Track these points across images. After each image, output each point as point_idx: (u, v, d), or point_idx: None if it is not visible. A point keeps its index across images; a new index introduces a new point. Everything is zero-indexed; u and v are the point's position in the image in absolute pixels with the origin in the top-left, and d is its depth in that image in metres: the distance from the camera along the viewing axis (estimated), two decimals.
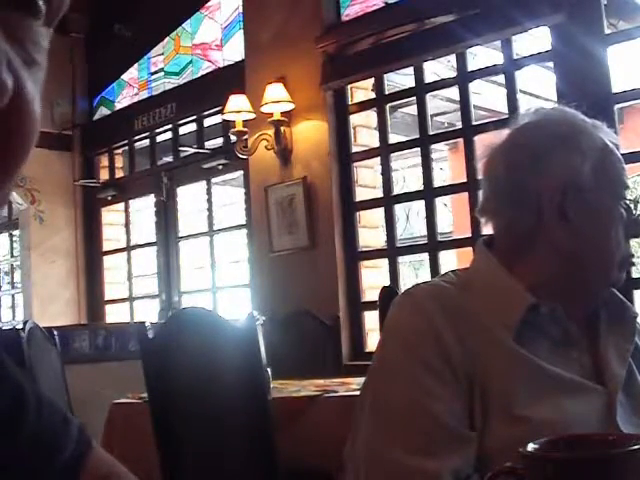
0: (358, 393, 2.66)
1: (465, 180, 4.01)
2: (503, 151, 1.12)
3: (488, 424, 0.97)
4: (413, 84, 4.30)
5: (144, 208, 6.86)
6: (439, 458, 0.94)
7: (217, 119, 5.36)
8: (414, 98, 4.29)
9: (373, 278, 4.38)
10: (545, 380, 1.00)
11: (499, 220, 1.13)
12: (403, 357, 1.02)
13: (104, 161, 6.43)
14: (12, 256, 7.16)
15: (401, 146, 4.57)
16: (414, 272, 9.85)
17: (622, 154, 1.15)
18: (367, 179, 4.50)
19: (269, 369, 2.53)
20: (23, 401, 0.61)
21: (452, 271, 1.14)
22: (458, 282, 1.10)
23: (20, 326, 3.97)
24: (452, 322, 1.01)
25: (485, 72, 4.15)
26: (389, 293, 1.63)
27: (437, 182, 4.30)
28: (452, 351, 0.99)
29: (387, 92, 4.39)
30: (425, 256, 4.26)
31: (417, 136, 4.27)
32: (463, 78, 4.02)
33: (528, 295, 1.05)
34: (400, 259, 4.37)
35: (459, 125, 4.17)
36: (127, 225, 6.24)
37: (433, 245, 4.13)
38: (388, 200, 4.32)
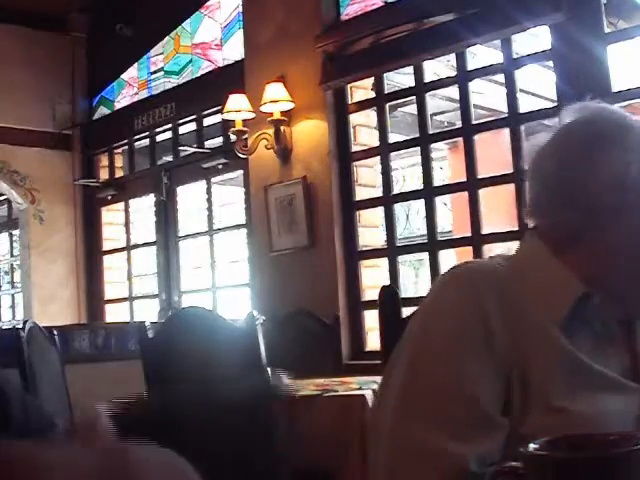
0: (358, 392, 2.66)
1: (465, 179, 4.01)
2: (553, 149, 1.11)
3: (526, 412, 0.96)
4: (413, 83, 4.30)
5: (144, 207, 6.86)
6: (467, 442, 0.93)
7: (217, 118, 5.36)
8: (414, 97, 4.29)
9: (373, 277, 4.37)
10: (585, 374, 1.00)
11: (550, 217, 1.11)
12: (445, 335, 1.00)
13: (104, 160, 6.43)
14: (12, 256, 7.16)
15: (401, 145, 4.57)
16: (414, 271, 9.85)
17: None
18: (367, 178, 4.49)
19: (269, 369, 2.53)
20: (5, 405, 0.62)
21: (499, 255, 1.13)
22: (507, 266, 1.09)
23: (20, 326, 3.96)
24: (501, 306, 0.99)
25: (485, 71, 4.14)
26: (389, 292, 1.63)
27: (437, 181, 4.31)
28: (497, 336, 0.97)
29: (387, 91, 4.39)
30: (425, 255, 4.26)
31: (417, 135, 4.27)
32: (463, 77, 4.02)
33: (580, 285, 1.04)
34: (400, 258, 4.36)
35: (459, 124, 4.17)
36: (127, 224, 6.24)
37: (433, 244, 4.13)
38: (388, 199, 4.32)
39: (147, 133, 5.97)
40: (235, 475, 2.53)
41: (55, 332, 3.82)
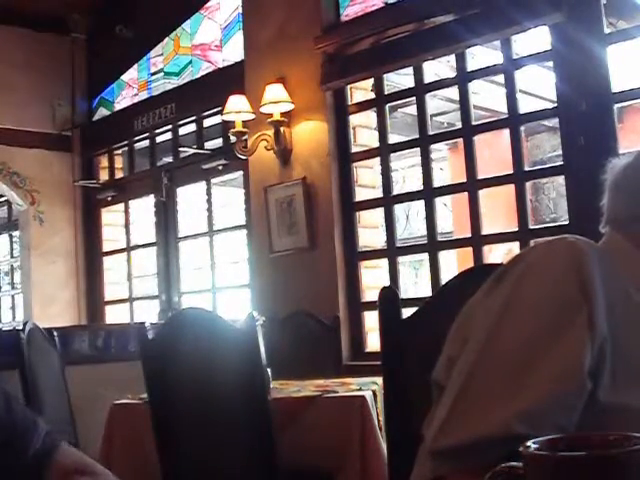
0: (358, 393, 2.65)
1: (465, 180, 4.01)
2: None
3: (616, 384, 0.96)
4: (413, 84, 4.30)
5: (144, 208, 6.87)
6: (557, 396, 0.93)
7: (217, 119, 5.36)
8: (414, 98, 4.29)
9: (373, 278, 4.37)
10: None
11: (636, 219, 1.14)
12: (547, 295, 0.99)
13: (104, 162, 6.44)
14: (12, 257, 7.16)
15: (401, 146, 4.57)
16: (414, 272, 9.85)
17: (621, 154, 1.18)
18: (367, 179, 4.50)
19: (269, 369, 2.53)
20: None
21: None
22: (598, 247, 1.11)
23: (20, 327, 3.96)
24: (605, 280, 0.99)
25: (485, 72, 4.14)
26: (389, 293, 1.62)
27: (437, 182, 4.30)
28: (597, 307, 0.96)
29: (387, 92, 4.39)
30: (425, 256, 4.26)
31: (417, 136, 4.27)
32: (463, 78, 4.02)
33: None
34: (400, 259, 4.36)
35: (459, 125, 4.17)
36: (127, 225, 6.24)
37: (433, 245, 4.13)
38: (388, 200, 4.32)
39: (147, 134, 5.97)
40: (234, 475, 2.53)
41: (55, 333, 3.82)
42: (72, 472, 0.69)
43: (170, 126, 5.78)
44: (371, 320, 4.26)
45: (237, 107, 4.49)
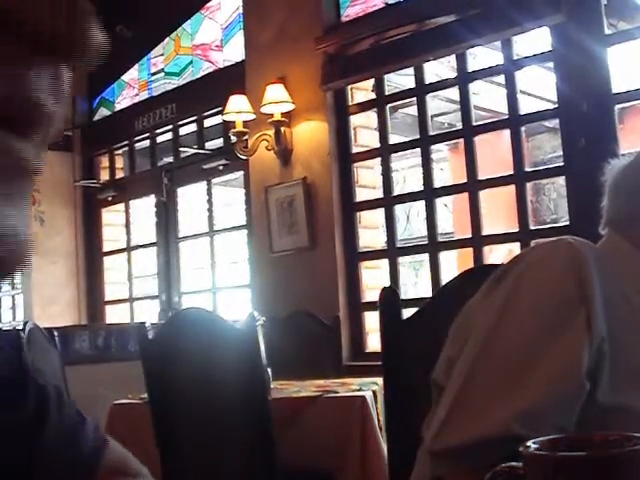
0: (358, 394, 2.65)
1: (465, 181, 4.01)
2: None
3: (614, 385, 0.97)
4: (413, 85, 4.30)
5: (144, 209, 6.86)
6: (554, 397, 0.93)
7: (217, 120, 5.36)
8: (414, 99, 4.29)
9: (373, 278, 4.37)
10: None
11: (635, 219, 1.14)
12: (546, 296, 0.99)
13: (104, 162, 6.44)
14: None
15: (401, 146, 4.57)
16: (414, 272, 9.85)
17: (622, 155, 1.18)
18: (367, 179, 4.50)
19: (269, 369, 2.54)
20: (46, 404, 0.64)
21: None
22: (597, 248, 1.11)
23: (20, 327, 3.96)
24: (604, 281, 0.99)
25: (485, 72, 4.14)
26: (389, 294, 1.62)
27: (437, 182, 4.30)
28: (596, 315, 0.96)
29: (387, 93, 4.39)
30: (425, 257, 4.26)
31: (417, 136, 4.27)
32: (463, 79, 4.02)
33: None
34: (400, 259, 4.37)
35: (459, 125, 4.17)
36: (127, 226, 6.24)
37: (433, 245, 4.13)
38: (388, 200, 4.32)
39: (147, 134, 5.97)
40: (234, 475, 2.53)
41: (55, 333, 3.82)
42: (116, 472, 0.69)
43: (170, 126, 5.78)
44: (371, 320, 4.26)
45: (238, 107, 4.49)
